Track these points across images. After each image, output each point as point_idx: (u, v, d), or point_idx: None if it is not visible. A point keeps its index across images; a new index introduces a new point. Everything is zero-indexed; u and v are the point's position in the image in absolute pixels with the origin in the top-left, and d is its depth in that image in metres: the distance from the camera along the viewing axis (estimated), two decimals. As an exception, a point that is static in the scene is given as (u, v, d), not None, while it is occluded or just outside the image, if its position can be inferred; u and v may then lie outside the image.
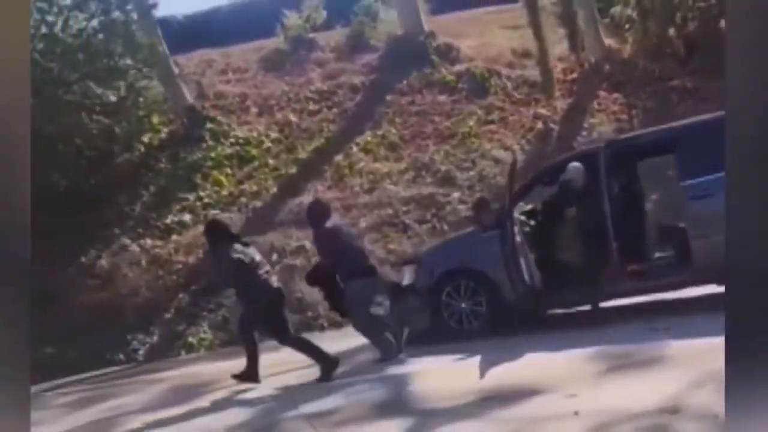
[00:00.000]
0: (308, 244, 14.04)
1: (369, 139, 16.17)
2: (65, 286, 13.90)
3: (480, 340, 8.47)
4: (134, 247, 14.52)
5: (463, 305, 8.88)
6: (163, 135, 16.47)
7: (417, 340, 8.96)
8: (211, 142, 16.55)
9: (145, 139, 16.36)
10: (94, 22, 15.93)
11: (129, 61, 15.79)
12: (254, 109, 17.76)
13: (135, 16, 16.24)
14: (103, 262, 14.41)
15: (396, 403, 6.52)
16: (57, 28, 15.54)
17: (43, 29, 15.32)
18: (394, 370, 7.80)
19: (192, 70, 18.96)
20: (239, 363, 8.57)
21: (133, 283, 13.80)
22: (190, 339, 12.65)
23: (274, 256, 13.31)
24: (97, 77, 15.52)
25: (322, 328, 12.25)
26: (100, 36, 15.82)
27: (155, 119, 15.96)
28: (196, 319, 13.05)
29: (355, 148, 15.97)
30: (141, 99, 15.54)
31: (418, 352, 8.54)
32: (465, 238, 9.35)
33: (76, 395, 10.09)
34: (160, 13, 18.51)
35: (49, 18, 15.60)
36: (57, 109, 14.97)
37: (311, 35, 19.85)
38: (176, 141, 16.52)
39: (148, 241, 14.67)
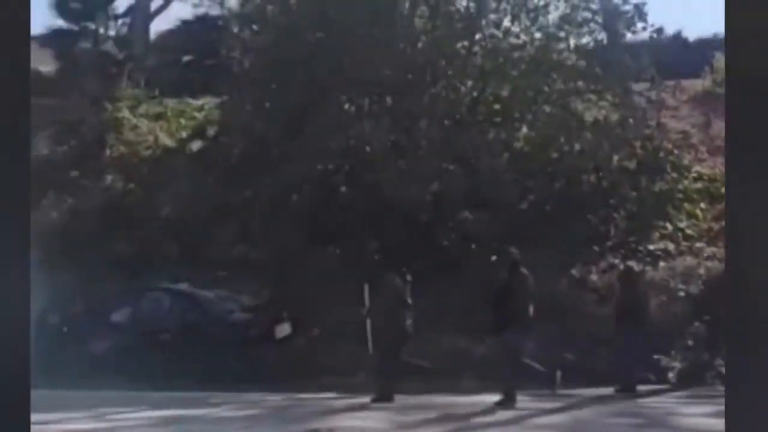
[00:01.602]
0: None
1: None
2: (564, 296, 13.93)
3: None
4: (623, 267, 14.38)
5: None
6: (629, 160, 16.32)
7: None
8: (674, 175, 16.28)
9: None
10: (570, 42, 16.09)
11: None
12: (702, 147, 17.45)
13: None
14: (594, 277, 14.39)
15: None
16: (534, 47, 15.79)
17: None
18: None
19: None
20: None
21: (636, 304, 13.62)
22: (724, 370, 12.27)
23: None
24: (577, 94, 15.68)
25: None
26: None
27: (637, 144, 15.84)
28: (718, 350, 12.66)
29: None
30: (630, 120, 15.49)
31: None
32: None
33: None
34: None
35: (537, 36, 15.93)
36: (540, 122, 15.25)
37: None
38: (639, 168, 16.34)
39: (633, 264, 14.53)
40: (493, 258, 14.66)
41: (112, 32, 20.21)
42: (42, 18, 26.38)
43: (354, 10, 14.88)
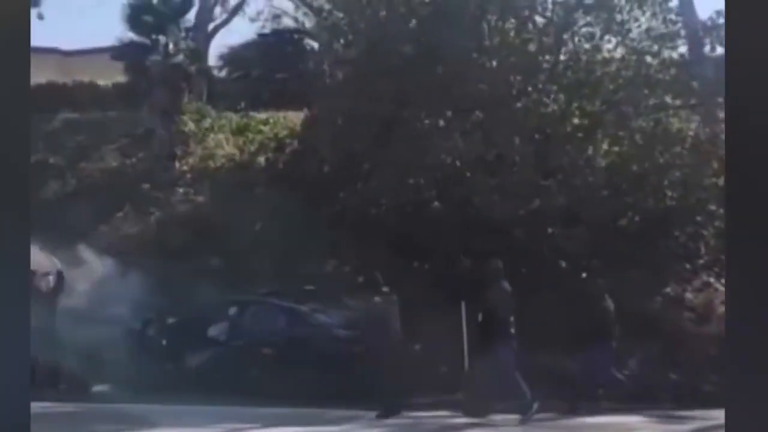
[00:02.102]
0: None
1: None
2: (662, 314, 13.70)
3: None
4: (718, 286, 14.17)
5: None
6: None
7: None
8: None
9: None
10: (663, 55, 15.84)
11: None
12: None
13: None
14: (689, 295, 14.16)
15: None
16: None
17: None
18: None
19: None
20: None
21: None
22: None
23: None
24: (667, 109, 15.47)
25: None
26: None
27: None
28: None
29: None
30: (722, 136, 15.20)
31: None
32: None
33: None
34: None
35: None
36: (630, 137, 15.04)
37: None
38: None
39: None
40: (584, 275, 14.56)
41: (182, 46, 20.15)
42: (114, 31, 26.58)
43: (441, 23, 14.76)
